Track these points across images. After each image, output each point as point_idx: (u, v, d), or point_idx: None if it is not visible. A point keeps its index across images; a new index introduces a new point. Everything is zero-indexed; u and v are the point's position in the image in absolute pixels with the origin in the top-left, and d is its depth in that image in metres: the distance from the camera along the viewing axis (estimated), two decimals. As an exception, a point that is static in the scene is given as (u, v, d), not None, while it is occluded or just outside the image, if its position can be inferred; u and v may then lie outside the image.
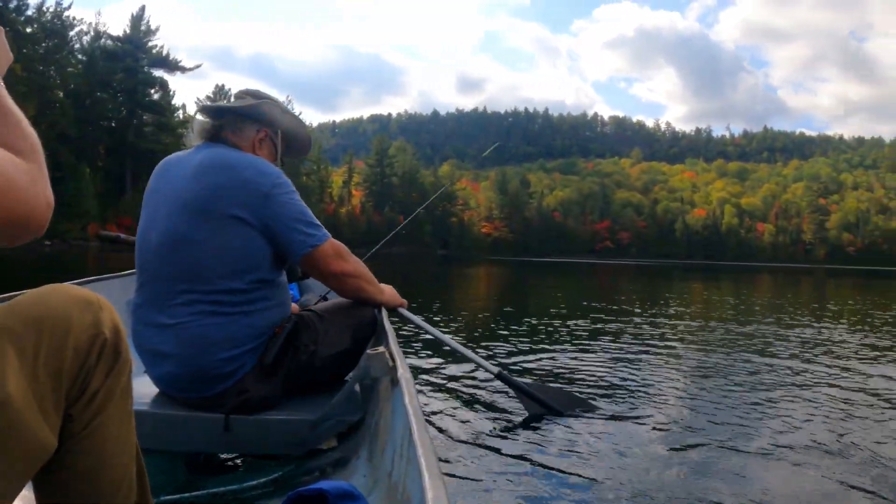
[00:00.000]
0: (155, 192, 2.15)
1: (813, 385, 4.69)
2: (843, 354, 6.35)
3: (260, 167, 2.07)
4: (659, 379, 4.84)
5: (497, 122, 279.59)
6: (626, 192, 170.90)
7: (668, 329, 8.26)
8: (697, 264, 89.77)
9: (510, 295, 16.51)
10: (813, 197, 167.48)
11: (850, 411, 3.92)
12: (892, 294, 21.78)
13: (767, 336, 7.70)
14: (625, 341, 6.80)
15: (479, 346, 6.19)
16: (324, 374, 2.24)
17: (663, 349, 6.41)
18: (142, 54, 67.97)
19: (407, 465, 1.22)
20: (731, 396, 4.25)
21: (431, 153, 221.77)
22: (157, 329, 2.01)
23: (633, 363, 5.42)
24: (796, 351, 6.44)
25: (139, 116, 68.14)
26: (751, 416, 3.73)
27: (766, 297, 17.23)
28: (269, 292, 2.11)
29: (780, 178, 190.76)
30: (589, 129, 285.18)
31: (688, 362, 5.70)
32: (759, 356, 6.00)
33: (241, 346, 2.02)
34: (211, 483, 1.99)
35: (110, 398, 1.13)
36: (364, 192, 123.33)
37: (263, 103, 2.28)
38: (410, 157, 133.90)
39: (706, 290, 20.82)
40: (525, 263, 54.32)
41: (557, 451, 2.93)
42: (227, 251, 2.00)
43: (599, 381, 4.62)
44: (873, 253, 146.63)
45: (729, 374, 5.07)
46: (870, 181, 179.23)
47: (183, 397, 2.06)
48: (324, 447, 2.12)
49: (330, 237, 2.16)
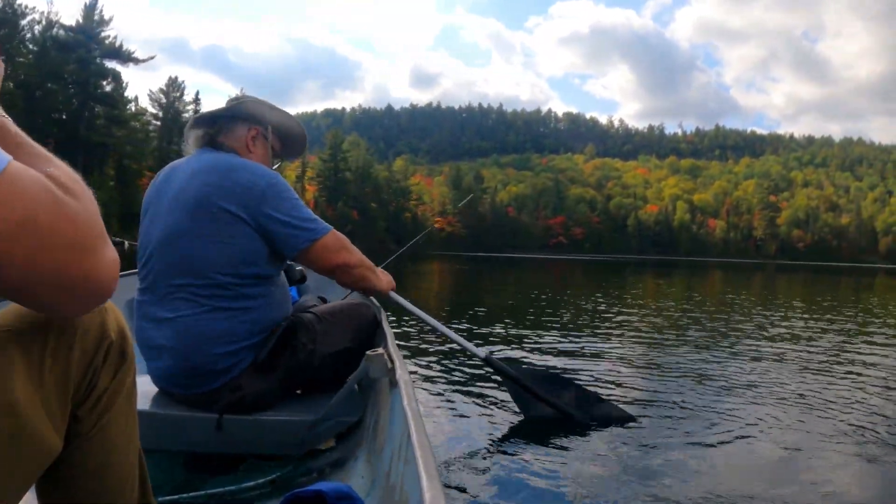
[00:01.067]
0: (158, 195, 2.18)
1: (758, 379, 4.66)
2: (799, 347, 6.39)
3: (255, 169, 2.10)
4: (626, 372, 4.82)
5: (451, 117, 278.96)
6: (580, 188, 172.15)
7: (624, 324, 8.13)
8: (650, 259, 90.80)
9: (463, 291, 15.84)
10: (764, 194, 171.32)
11: (813, 400, 4.01)
12: (840, 288, 21.88)
13: (724, 329, 7.74)
14: (581, 335, 6.74)
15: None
16: (322, 374, 2.26)
17: (623, 343, 6.41)
18: (94, 45, 65.18)
19: (405, 467, 1.23)
20: (695, 387, 4.30)
21: (385, 148, 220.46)
22: (157, 323, 2.06)
23: (591, 356, 5.41)
24: (748, 344, 6.50)
25: (91, 109, 65.43)
26: (717, 406, 3.79)
27: (721, 292, 17.39)
28: (268, 290, 2.14)
29: (731, 175, 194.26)
30: (543, 124, 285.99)
31: (643, 354, 5.72)
32: (717, 350, 6.05)
33: (238, 342, 2.05)
34: (209, 483, 1.99)
35: (115, 398, 1.15)
36: (317, 186, 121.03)
37: (247, 101, 2.31)
38: (364, 152, 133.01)
39: (661, 284, 20.89)
40: (478, 259, 53.90)
41: (555, 451, 2.92)
42: (224, 244, 2.03)
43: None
44: (822, 249, 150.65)
45: (689, 365, 5.11)
46: (819, 179, 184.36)
47: (179, 393, 2.08)
48: (322, 448, 2.13)
49: (331, 229, 2.19)
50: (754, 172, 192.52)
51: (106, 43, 66.33)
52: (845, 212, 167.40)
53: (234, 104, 2.28)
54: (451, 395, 4.00)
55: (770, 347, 6.18)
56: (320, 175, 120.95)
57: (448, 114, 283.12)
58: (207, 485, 1.96)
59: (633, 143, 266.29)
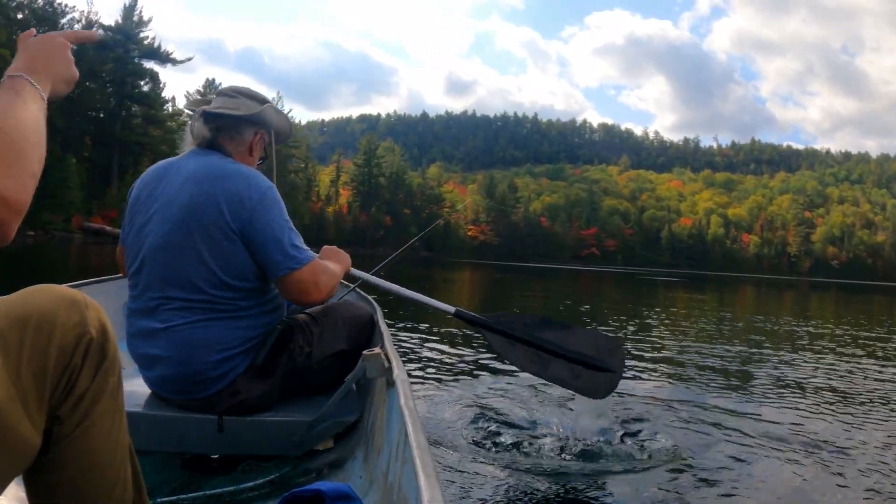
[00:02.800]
0: (148, 199, 2.12)
1: (788, 395, 4.95)
2: (828, 364, 6.69)
3: (250, 179, 2.05)
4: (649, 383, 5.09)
5: (486, 125, 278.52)
6: (614, 200, 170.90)
7: (655, 338, 8.50)
8: (682, 273, 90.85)
9: (489, 298, 16.57)
10: (799, 210, 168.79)
11: (841, 417, 4.23)
12: (875, 308, 21.93)
13: (756, 346, 8.04)
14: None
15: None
16: (320, 376, 2.24)
17: (653, 358, 6.65)
18: (132, 45, 67.03)
19: (403, 466, 1.22)
20: (715, 396, 4.59)
21: (419, 154, 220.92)
22: (150, 333, 2.02)
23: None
24: (780, 361, 6.77)
25: (128, 108, 67.25)
26: (731, 416, 3.98)
27: (753, 311, 17.25)
28: (262, 297, 2.12)
29: (766, 189, 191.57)
30: (577, 135, 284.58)
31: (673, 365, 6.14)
32: (746, 367, 6.33)
33: (232, 348, 2.02)
34: (207, 484, 1.97)
35: (98, 399, 1.12)
36: (351, 191, 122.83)
37: (267, 108, 2.26)
38: (398, 158, 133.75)
39: (692, 299, 21.00)
40: (509, 268, 54.21)
41: (555, 449, 2.96)
42: (216, 260, 1.99)
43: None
44: (857, 267, 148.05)
45: (713, 378, 5.47)
46: (855, 196, 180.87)
47: (176, 399, 2.06)
48: (320, 448, 2.13)
49: (311, 261, 2.08)
50: (789, 187, 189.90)
51: (144, 43, 67.95)
52: (881, 229, 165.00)
53: (256, 112, 2.23)
54: (449, 393, 4.10)
55: (793, 369, 6.22)
56: (354, 180, 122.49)
57: (482, 122, 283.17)
58: (206, 486, 1.96)
59: (667, 155, 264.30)
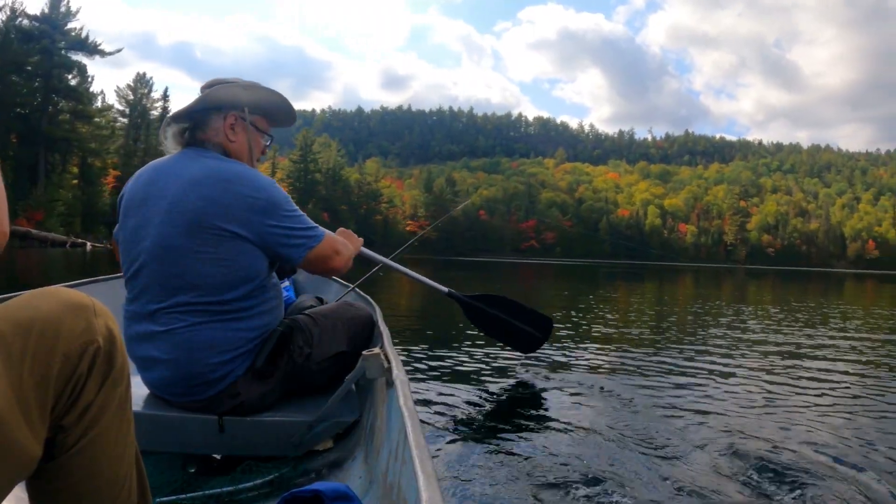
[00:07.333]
0: (145, 198, 2.08)
1: (728, 381, 4.80)
2: (765, 351, 6.55)
3: (254, 181, 2.03)
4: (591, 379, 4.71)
5: (422, 119, 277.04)
6: (551, 192, 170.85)
7: (596, 326, 8.40)
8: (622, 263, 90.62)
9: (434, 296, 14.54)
10: (734, 199, 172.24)
11: (776, 402, 4.14)
12: (810, 293, 22.37)
13: (698, 333, 8.00)
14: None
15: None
16: (320, 376, 2.24)
17: (590, 348, 6.39)
18: (59, 36, 62.21)
19: (402, 467, 1.22)
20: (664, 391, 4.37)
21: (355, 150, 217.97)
22: (149, 336, 2.02)
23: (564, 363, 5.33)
24: (719, 348, 6.60)
25: (55, 103, 62.60)
26: (673, 411, 3.82)
27: (692, 296, 17.49)
28: (262, 297, 2.11)
29: (701, 180, 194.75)
30: (513, 128, 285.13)
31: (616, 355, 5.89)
32: (686, 353, 6.11)
33: (233, 350, 2.03)
34: (207, 484, 1.98)
35: (105, 410, 1.10)
36: (288, 187, 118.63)
37: (217, 88, 2.17)
38: (335, 154, 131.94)
39: (633, 288, 21.08)
40: (449, 262, 53.05)
41: (555, 448, 2.97)
42: (221, 264, 1.99)
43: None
44: (791, 254, 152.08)
45: (655, 370, 5.15)
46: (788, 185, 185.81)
47: (177, 401, 2.06)
48: (320, 448, 2.13)
49: (324, 236, 2.16)
50: (724, 178, 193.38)
51: (72, 34, 63.65)
52: (814, 217, 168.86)
53: (203, 96, 2.14)
54: (449, 393, 4.03)
55: (735, 351, 6.36)
56: (290, 176, 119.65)
57: (418, 116, 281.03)
58: (206, 486, 1.95)
59: (603, 147, 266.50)
